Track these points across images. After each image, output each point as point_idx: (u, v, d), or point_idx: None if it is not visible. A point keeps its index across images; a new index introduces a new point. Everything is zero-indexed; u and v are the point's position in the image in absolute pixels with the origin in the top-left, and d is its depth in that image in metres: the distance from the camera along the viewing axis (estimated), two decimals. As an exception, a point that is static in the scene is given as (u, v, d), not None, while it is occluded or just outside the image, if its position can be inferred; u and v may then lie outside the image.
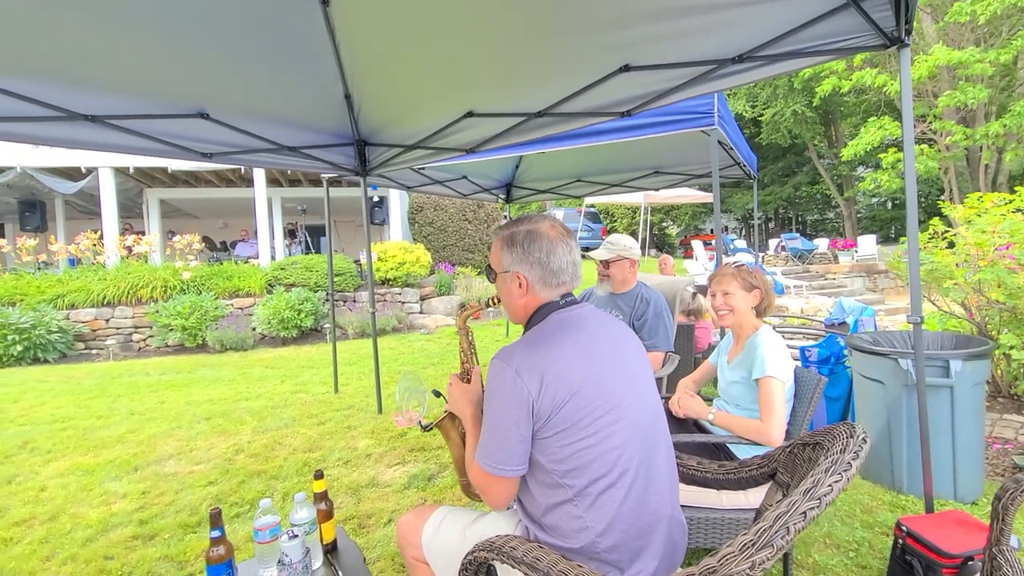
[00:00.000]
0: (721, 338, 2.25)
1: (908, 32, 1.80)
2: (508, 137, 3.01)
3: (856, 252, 12.41)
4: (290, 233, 12.93)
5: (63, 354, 7.24)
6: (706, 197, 13.27)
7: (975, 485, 2.35)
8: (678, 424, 2.11)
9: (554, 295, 1.24)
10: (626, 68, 2.26)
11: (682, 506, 1.70)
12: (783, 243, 13.90)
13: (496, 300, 1.38)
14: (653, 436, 1.18)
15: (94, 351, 7.58)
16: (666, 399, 2.14)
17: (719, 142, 3.56)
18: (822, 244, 13.86)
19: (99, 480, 2.96)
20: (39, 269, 9.15)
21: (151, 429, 3.85)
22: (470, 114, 2.85)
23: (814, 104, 15.07)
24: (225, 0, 1.76)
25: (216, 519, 1.31)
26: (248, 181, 10.65)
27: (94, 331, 7.67)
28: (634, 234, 16.31)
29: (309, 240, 12.16)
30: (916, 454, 2.26)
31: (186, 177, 10.87)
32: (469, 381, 1.39)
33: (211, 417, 4.08)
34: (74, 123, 2.32)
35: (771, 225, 26.00)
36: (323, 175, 4.35)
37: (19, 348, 6.75)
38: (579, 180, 6.02)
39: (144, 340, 7.78)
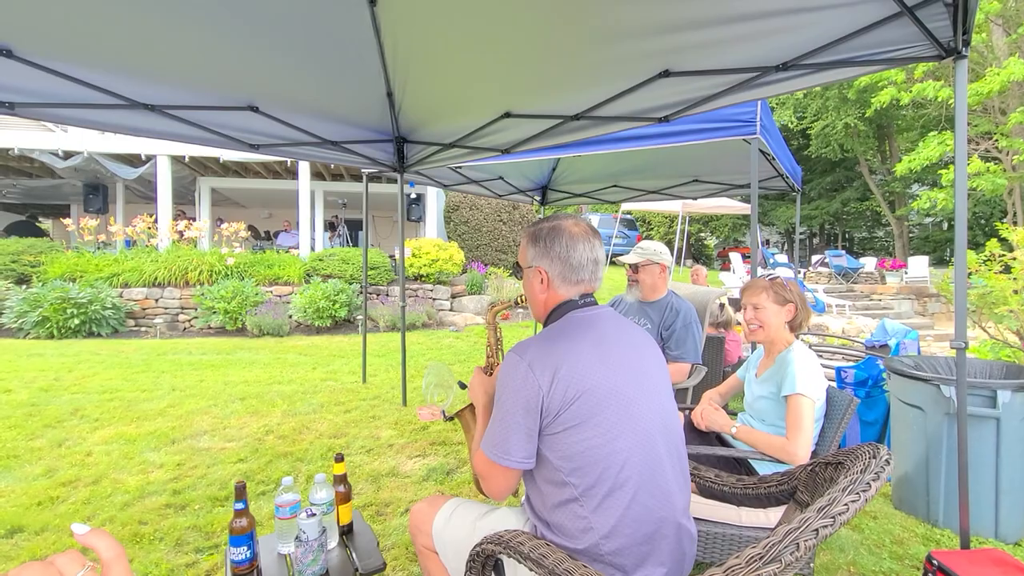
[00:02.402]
0: (752, 352, 2.20)
1: (966, 43, 1.72)
2: (544, 139, 3.02)
3: (906, 273, 11.83)
4: (330, 226, 13.30)
5: (115, 329, 7.66)
6: (746, 209, 12.90)
7: (1019, 524, 2.21)
8: (700, 436, 2.07)
9: (573, 293, 1.25)
10: (666, 73, 2.23)
11: (699, 519, 1.68)
12: (826, 259, 13.38)
13: (524, 298, 1.41)
14: (666, 443, 1.17)
15: (143, 328, 7.99)
16: (690, 410, 2.10)
17: (761, 152, 3.48)
18: (869, 263, 13.26)
19: (139, 449, 3.13)
20: (98, 249, 9.72)
21: (189, 405, 4.04)
22: (507, 115, 2.87)
23: (867, 116, 14.43)
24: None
25: (241, 492, 1.37)
26: (293, 174, 11.03)
27: (144, 309, 8.10)
28: (670, 243, 16.02)
29: (348, 233, 12.48)
30: (955, 486, 2.15)
31: (236, 168, 11.33)
32: (491, 375, 1.42)
33: (245, 398, 4.25)
34: (134, 111, 2.47)
35: (815, 241, 25.04)
36: (363, 170, 4.46)
37: (76, 321, 7.18)
38: (615, 185, 5.97)
39: (189, 321, 8.16)
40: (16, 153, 9.75)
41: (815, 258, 14.85)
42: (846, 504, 0.79)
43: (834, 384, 3.00)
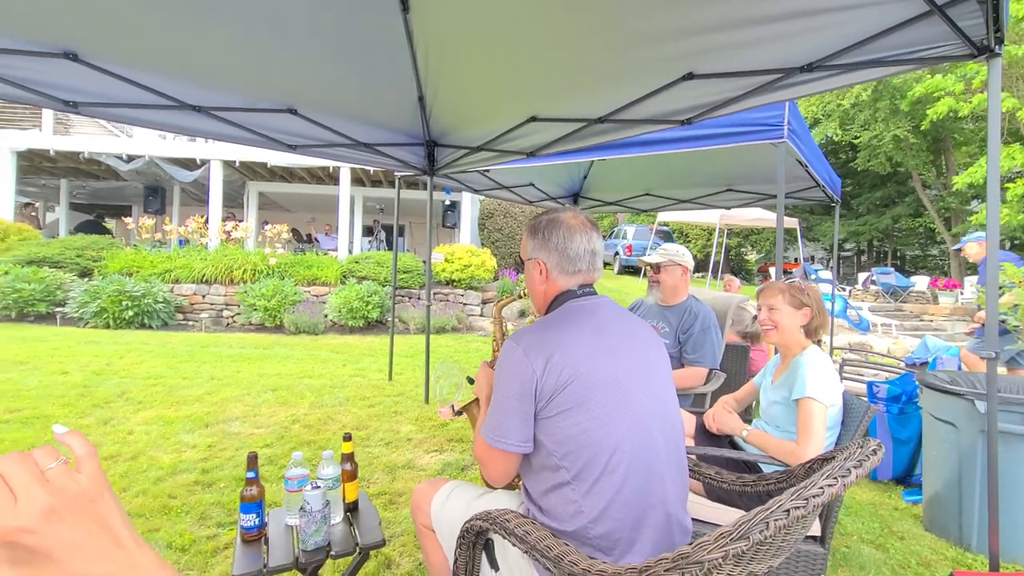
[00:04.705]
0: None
1: (999, 40, 1.66)
2: (569, 142, 3.05)
3: (961, 293, 11.15)
4: (368, 230, 13.69)
5: (165, 322, 8.10)
6: (788, 223, 12.52)
7: (1063, 555, 2.06)
8: (712, 440, 2.04)
9: (572, 283, 1.27)
10: (690, 76, 2.23)
11: (704, 522, 1.65)
12: (873, 277, 12.77)
13: (526, 291, 1.44)
14: (663, 433, 1.17)
15: (190, 322, 8.42)
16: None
17: (798, 161, 3.39)
18: (920, 282, 12.57)
19: (176, 431, 3.32)
20: (154, 246, 10.34)
21: (225, 393, 4.24)
22: (534, 119, 2.92)
23: (922, 128, 13.74)
24: (316, 8, 1.95)
25: (252, 462, 1.45)
26: (335, 179, 11.44)
27: (192, 304, 8.54)
28: (707, 257, 15.67)
29: (385, 237, 12.82)
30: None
31: (282, 173, 11.86)
32: None
33: (277, 389, 4.42)
34: (183, 112, 2.65)
35: (863, 258, 23.92)
36: (396, 173, 4.59)
37: (130, 313, 7.64)
38: (648, 194, 5.93)
39: (232, 317, 8.54)
40: (86, 156, 10.52)
41: (862, 275, 14.20)
42: (821, 487, 0.79)
43: (865, 399, 2.88)
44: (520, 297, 1.55)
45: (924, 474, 2.42)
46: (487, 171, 4.75)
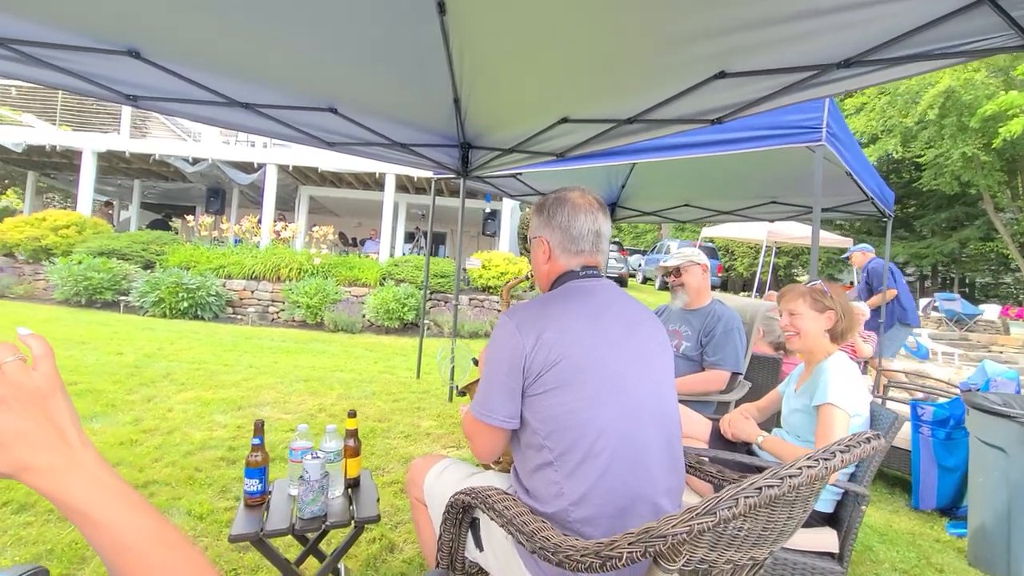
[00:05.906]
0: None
1: (1056, 29, 1.53)
2: (599, 143, 3.04)
3: (1037, 324, 10.25)
4: (410, 236, 14.02)
5: (215, 315, 8.54)
6: (843, 242, 11.88)
7: None
8: (728, 446, 1.95)
9: (574, 263, 1.26)
10: (722, 75, 2.18)
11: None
12: (936, 303, 11.92)
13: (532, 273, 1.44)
14: (655, 422, 1.14)
15: (238, 316, 8.85)
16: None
17: (847, 174, 3.22)
18: (990, 310, 11.63)
19: (211, 411, 3.48)
20: (212, 244, 10.96)
21: (260, 380, 4.42)
22: (565, 120, 2.93)
23: (994, 146, 12.78)
24: (357, 12, 2.04)
25: (259, 429, 1.51)
26: (381, 186, 11.80)
27: (241, 299, 8.97)
28: (753, 276, 15.09)
29: (426, 244, 13.09)
30: (1041, 544, 1.84)
31: (332, 178, 12.35)
32: None
33: (308, 380, 4.57)
34: (232, 108, 2.82)
35: (927, 283, 22.41)
36: (432, 175, 4.70)
37: (185, 304, 8.11)
38: (688, 204, 5.81)
39: (277, 313, 8.92)
40: (156, 158, 11.32)
41: (923, 301, 13.29)
42: (800, 468, 0.74)
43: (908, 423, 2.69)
44: (528, 279, 1.56)
45: (970, 503, 2.22)
46: (519, 175, 4.79)
